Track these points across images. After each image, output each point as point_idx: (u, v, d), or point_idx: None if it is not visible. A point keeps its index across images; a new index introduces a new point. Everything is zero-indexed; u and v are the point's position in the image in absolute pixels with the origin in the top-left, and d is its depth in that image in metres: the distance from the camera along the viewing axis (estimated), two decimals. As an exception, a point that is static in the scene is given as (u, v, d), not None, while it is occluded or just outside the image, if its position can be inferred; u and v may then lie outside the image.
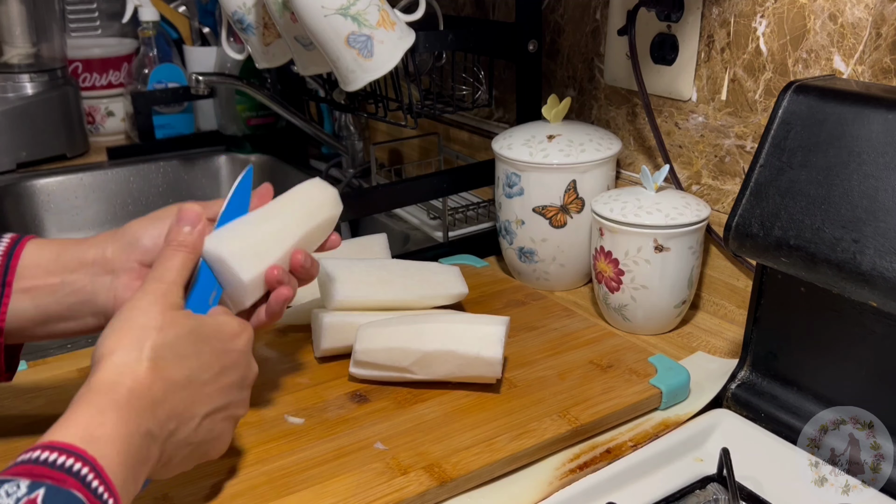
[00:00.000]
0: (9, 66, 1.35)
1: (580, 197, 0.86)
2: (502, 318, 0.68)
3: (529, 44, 0.95)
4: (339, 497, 0.55)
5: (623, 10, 0.87)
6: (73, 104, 1.42)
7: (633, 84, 0.88)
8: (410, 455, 0.60)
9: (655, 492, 0.59)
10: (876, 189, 0.56)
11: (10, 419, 0.65)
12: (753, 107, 0.79)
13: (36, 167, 1.37)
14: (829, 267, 0.58)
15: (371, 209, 1.01)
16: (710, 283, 0.86)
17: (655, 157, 0.91)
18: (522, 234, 0.89)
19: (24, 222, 1.33)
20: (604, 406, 0.66)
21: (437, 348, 0.66)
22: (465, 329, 0.67)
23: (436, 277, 0.77)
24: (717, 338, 0.82)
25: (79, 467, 0.39)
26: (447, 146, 1.23)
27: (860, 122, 0.58)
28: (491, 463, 0.59)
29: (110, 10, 1.64)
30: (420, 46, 0.83)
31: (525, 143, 0.87)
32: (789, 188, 0.61)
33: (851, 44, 0.70)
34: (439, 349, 0.66)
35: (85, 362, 0.73)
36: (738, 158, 0.82)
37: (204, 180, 1.48)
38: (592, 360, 0.73)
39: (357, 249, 0.84)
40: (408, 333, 0.67)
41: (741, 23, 0.78)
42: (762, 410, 0.66)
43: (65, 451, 0.40)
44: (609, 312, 0.83)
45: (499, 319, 0.68)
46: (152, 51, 1.47)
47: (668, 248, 0.77)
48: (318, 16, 0.77)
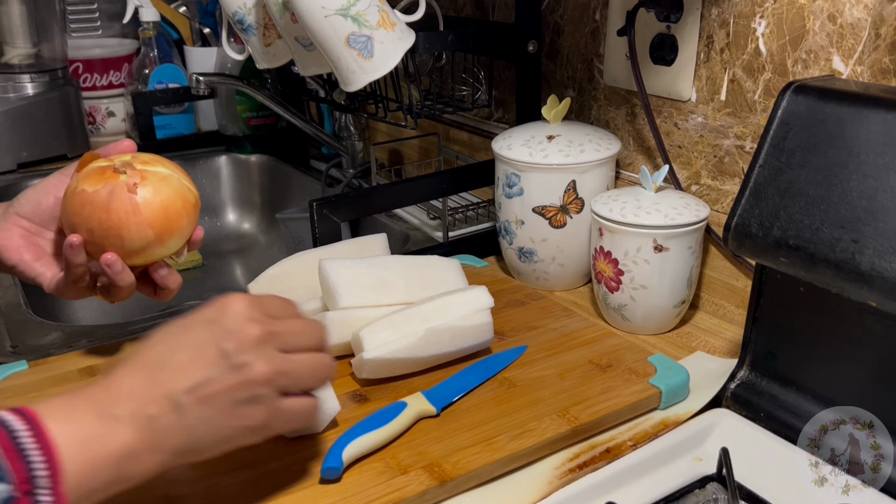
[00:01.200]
0: (9, 66, 1.36)
1: (580, 197, 0.86)
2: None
3: (529, 44, 0.95)
4: (339, 497, 0.55)
5: (622, 10, 0.87)
6: (73, 104, 1.42)
7: (632, 84, 0.89)
8: (410, 454, 0.60)
9: (655, 491, 0.59)
10: (875, 189, 0.56)
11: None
12: (753, 107, 0.79)
13: (36, 167, 1.37)
14: (828, 267, 0.58)
15: (371, 209, 1.01)
16: (710, 282, 0.86)
17: (655, 157, 0.91)
18: (522, 234, 0.89)
19: (24, 222, 1.33)
20: (603, 406, 0.66)
21: (435, 324, 0.69)
22: (450, 300, 0.71)
23: (437, 274, 0.77)
24: (717, 337, 0.82)
25: (14, 421, 0.43)
26: (447, 146, 1.24)
27: (859, 122, 0.58)
28: (491, 462, 0.59)
29: (111, 11, 1.65)
30: (420, 47, 0.83)
31: (525, 143, 0.87)
32: (788, 188, 0.61)
33: (850, 44, 0.70)
34: (437, 325, 0.69)
35: (85, 362, 0.74)
36: (738, 159, 0.82)
37: (204, 180, 1.48)
38: (592, 359, 0.73)
39: (357, 249, 0.84)
40: (408, 317, 0.69)
41: (740, 23, 0.78)
42: (762, 410, 0.66)
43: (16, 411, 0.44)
44: (608, 312, 0.83)
45: (474, 286, 0.74)
46: (153, 51, 1.47)
47: (668, 248, 0.77)
48: (319, 16, 0.77)
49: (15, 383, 0.70)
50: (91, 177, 0.63)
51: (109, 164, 0.64)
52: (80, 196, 0.63)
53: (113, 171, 0.63)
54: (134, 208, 0.62)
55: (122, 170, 0.63)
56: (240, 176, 1.50)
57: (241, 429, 0.50)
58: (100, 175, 0.63)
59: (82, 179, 0.63)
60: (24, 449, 0.42)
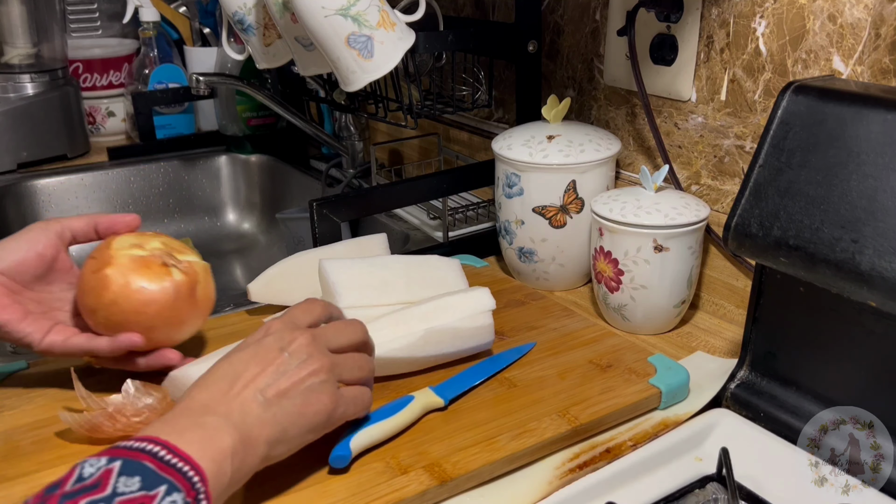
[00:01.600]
0: (9, 66, 1.35)
1: (580, 197, 0.86)
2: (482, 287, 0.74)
3: (529, 44, 0.95)
4: (339, 497, 0.55)
5: (622, 10, 0.87)
6: (73, 104, 1.42)
7: (632, 84, 0.89)
8: (410, 454, 0.60)
9: (655, 491, 0.59)
10: (875, 189, 0.56)
11: (12, 419, 0.65)
12: (753, 107, 0.79)
13: (37, 167, 1.37)
14: (828, 267, 0.58)
15: (371, 209, 1.01)
16: (710, 282, 0.86)
17: (655, 157, 0.91)
18: (522, 234, 0.89)
19: (24, 222, 1.33)
20: (603, 406, 0.66)
21: (433, 326, 0.69)
22: (452, 301, 0.71)
23: (437, 274, 0.77)
24: (717, 337, 0.82)
25: (150, 446, 0.46)
26: (447, 146, 1.24)
27: (859, 122, 0.58)
28: (491, 462, 0.59)
29: (111, 11, 1.65)
30: (420, 47, 0.83)
31: (525, 143, 0.87)
32: (788, 188, 0.61)
33: (850, 44, 0.70)
34: (436, 326, 0.69)
35: (84, 362, 0.73)
36: (738, 159, 0.82)
37: (204, 180, 1.48)
38: (592, 359, 0.73)
39: (357, 249, 0.84)
40: (408, 316, 0.70)
41: (740, 23, 0.78)
42: (762, 410, 0.66)
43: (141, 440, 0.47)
44: (608, 312, 0.83)
45: (476, 288, 0.74)
46: (153, 51, 1.47)
47: (668, 248, 0.77)
48: (319, 16, 0.77)
49: (15, 383, 0.70)
50: (139, 271, 0.65)
51: (149, 255, 0.66)
52: (141, 294, 0.65)
53: (162, 265, 0.66)
54: (195, 306, 0.68)
55: (171, 263, 0.67)
56: (240, 176, 1.50)
57: (316, 414, 0.55)
58: (146, 268, 0.65)
59: (130, 272, 0.65)
60: (175, 464, 0.45)
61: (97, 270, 0.65)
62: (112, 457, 0.44)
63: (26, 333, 0.65)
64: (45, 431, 0.63)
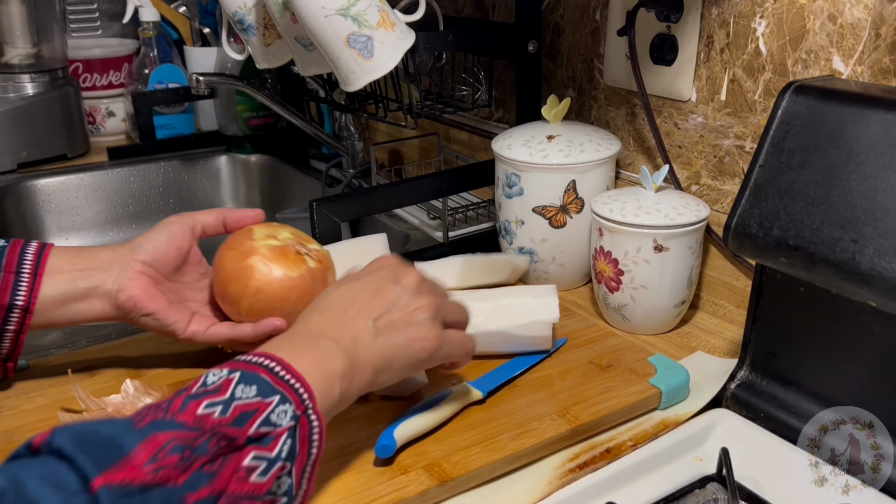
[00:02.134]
0: (9, 66, 1.35)
1: (580, 197, 0.86)
2: (550, 287, 0.73)
3: (529, 44, 0.95)
4: (339, 497, 0.56)
5: (623, 10, 0.87)
6: (73, 104, 1.42)
7: (632, 84, 0.89)
8: (410, 454, 0.60)
9: (655, 491, 0.59)
10: (875, 189, 0.56)
11: (12, 419, 0.65)
12: (753, 107, 0.79)
13: (36, 167, 1.37)
14: (828, 267, 0.58)
15: (371, 209, 1.01)
16: (710, 282, 0.86)
17: (655, 157, 0.91)
18: (522, 234, 0.89)
19: (24, 222, 1.33)
20: (603, 406, 0.66)
21: (488, 328, 0.69)
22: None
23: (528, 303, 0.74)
24: (717, 337, 0.82)
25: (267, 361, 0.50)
26: (447, 146, 1.24)
27: (859, 122, 0.58)
28: (491, 462, 0.59)
29: (111, 11, 1.64)
30: (420, 47, 0.83)
31: (525, 143, 0.87)
32: (788, 188, 0.61)
33: (851, 44, 0.70)
34: (491, 329, 0.69)
35: (85, 362, 0.73)
36: (738, 159, 0.82)
37: (204, 180, 1.48)
38: (592, 359, 0.73)
39: (357, 249, 0.84)
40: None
41: (740, 23, 0.78)
42: (762, 410, 0.66)
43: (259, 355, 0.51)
44: (608, 312, 0.83)
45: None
46: (153, 51, 1.47)
47: (668, 248, 0.77)
48: (319, 16, 0.77)
49: (15, 383, 0.70)
50: (278, 260, 0.68)
51: (285, 245, 0.69)
52: (285, 282, 0.67)
53: (296, 254, 0.69)
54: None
55: (304, 252, 0.69)
56: (240, 176, 1.50)
57: (420, 350, 0.57)
58: (284, 257, 0.68)
59: (271, 261, 0.67)
60: (288, 380, 0.49)
61: (241, 260, 0.67)
62: (233, 368, 0.48)
63: (172, 322, 0.68)
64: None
